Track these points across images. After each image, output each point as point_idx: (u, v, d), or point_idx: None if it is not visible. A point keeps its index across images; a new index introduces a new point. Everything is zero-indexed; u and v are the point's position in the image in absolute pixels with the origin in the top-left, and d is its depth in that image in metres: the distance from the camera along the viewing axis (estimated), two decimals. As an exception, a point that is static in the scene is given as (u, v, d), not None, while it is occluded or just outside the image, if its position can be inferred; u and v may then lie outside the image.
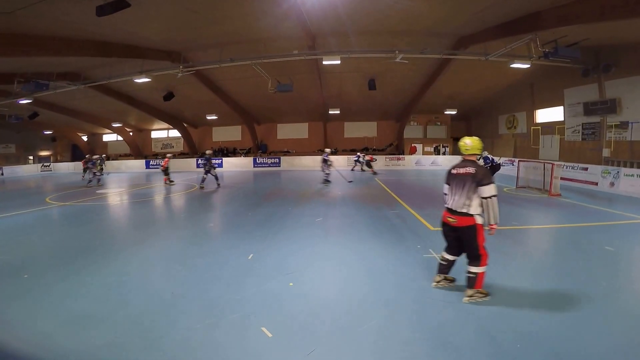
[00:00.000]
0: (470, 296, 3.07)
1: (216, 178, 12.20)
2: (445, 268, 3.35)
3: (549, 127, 15.00)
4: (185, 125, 24.47)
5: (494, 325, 2.72)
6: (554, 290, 3.37)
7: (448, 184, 3.23)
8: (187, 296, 3.34)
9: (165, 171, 13.81)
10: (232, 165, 22.28)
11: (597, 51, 11.13)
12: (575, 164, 11.49)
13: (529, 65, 11.19)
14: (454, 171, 3.18)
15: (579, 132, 13.16)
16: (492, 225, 2.98)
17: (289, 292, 3.41)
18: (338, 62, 11.35)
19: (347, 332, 2.67)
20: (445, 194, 3.26)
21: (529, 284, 3.57)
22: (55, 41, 9.83)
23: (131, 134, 26.66)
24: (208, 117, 21.70)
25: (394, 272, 3.89)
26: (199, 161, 22.49)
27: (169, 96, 16.37)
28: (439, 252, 4.44)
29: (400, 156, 20.74)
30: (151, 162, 23.66)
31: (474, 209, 2.99)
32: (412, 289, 3.42)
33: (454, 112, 20.58)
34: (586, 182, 10.75)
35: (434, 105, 19.40)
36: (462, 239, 3.11)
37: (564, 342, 2.49)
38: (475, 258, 3.04)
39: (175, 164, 23.14)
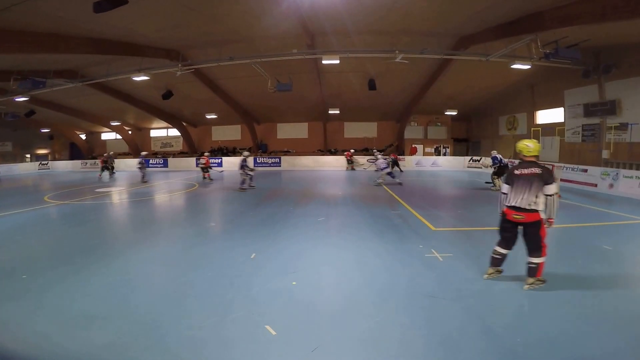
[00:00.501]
0: (531, 284, 3.31)
1: (251, 179, 11.69)
2: (499, 261, 3.53)
3: (549, 129, 15.05)
4: (184, 124, 24.39)
5: (495, 321, 2.75)
6: (552, 287, 3.40)
7: (509, 184, 3.39)
8: (190, 295, 3.31)
9: (207, 168, 14.55)
10: (232, 165, 22.14)
11: (598, 52, 11.17)
12: (575, 166, 11.51)
13: (529, 66, 11.21)
14: (517, 172, 3.33)
15: (578, 134, 13.20)
16: (551, 219, 3.27)
17: (292, 290, 3.39)
18: (337, 61, 11.31)
19: (349, 330, 2.67)
20: (505, 194, 3.43)
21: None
22: (52, 38, 9.73)
23: (130, 132, 26.56)
24: (207, 116, 21.63)
25: (396, 271, 3.87)
26: (198, 160, 22.13)
27: (167, 95, 16.28)
28: (440, 252, 4.45)
29: (401, 157, 20.69)
30: (151, 161, 23.58)
31: (540, 205, 3.21)
32: (415, 288, 3.41)
33: (454, 113, 20.59)
34: (586, 183, 10.77)
35: (434, 106, 19.41)
36: (527, 232, 3.30)
37: (562, 337, 2.52)
38: (538, 249, 3.25)
39: (174, 164, 23.17)
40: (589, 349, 2.40)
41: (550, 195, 3.19)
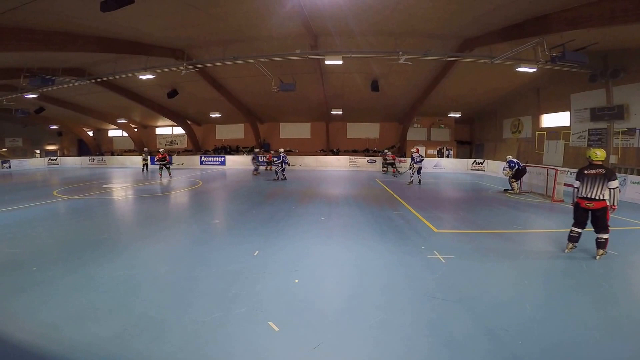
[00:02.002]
0: (601, 254, 4.34)
1: (276, 173, 13.49)
2: (577, 238, 4.56)
3: (554, 132, 14.94)
4: (189, 122, 24.57)
5: (496, 323, 2.78)
6: (555, 290, 3.43)
7: (579, 180, 4.45)
8: (194, 290, 3.37)
9: (270, 163, 16.81)
10: (234, 163, 22.41)
11: (606, 56, 11.08)
12: (580, 170, 11.41)
13: (535, 69, 11.14)
14: (586, 172, 4.40)
15: (584, 138, 13.09)
16: (614, 206, 4.28)
17: (294, 288, 3.44)
18: (340, 62, 11.29)
19: (351, 328, 2.71)
20: (577, 188, 4.51)
21: (530, 284, 3.61)
22: (60, 36, 9.85)
23: (136, 130, 26.84)
24: (212, 115, 21.76)
25: (398, 272, 3.91)
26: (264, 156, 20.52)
27: (173, 93, 16.46)
28: (442, 254, 4.48)
29: (403, 158, 20.68)
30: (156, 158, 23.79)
31: (606, 196, 4.28)
32: (417, 289, 3.44)
33: (458, 115, 20.48)
34: (591, 188, 10.67)
35: (438, 108, 19.35)
36: (595, 216, 4.36)
37: (562, 341, 2.54)
38: (604, 228, 4.30)
39: (179, 161, 23.37)
40: (589, 354, 2.41)
41: (613, 189, 4.23)
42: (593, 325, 2.77)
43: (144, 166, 18.15)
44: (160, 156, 14.59)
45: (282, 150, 14.18)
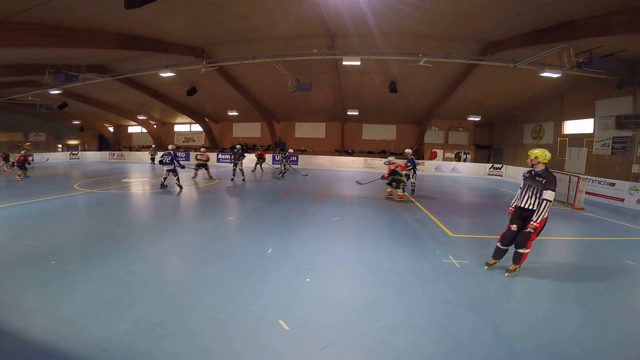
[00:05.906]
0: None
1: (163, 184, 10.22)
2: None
3: (577, 139, 14.45)
4: (207, 120, 25.00)
5: (509, 329, 2.74)
6: (570, 297, 3.35)
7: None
8: (207, 287, 3.41)
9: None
10: (250, 161, 22.58)
11: (635, 63, 10.63)
12: (602, 179, 11.00)
13: (560, 75, 10.79)
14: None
15: (608, 146, 12.62)
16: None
17: (306, 287, 3.44)
18: (358, 63, 11.21)
19: (361, 330, 2.69)
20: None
21: (545, 291, 3.54)
22: (84, 33, 10.13)
23: (155, 126, 27.52)
24: (229, 113, 22.09)
25: (411, 275, 3.86)
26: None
27: (192, 91, 16.78)
28: (458, 258, 4.40)
29: (420, 161, 20.35)
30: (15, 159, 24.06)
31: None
32: (429, 292, 3.40)
33: (477, 119, 20.10)
34: (612, 197, 10.28)
35: (457, 111, 19.02)
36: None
37: (575, 349, 2.50)
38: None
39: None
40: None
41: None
42: (605, 334, 2.72)
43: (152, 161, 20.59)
44: (21, 158, 12.26)
45: (171, 146, 10.19)
